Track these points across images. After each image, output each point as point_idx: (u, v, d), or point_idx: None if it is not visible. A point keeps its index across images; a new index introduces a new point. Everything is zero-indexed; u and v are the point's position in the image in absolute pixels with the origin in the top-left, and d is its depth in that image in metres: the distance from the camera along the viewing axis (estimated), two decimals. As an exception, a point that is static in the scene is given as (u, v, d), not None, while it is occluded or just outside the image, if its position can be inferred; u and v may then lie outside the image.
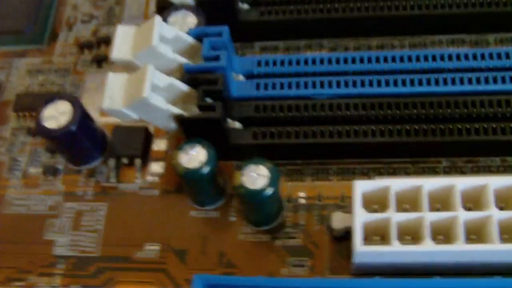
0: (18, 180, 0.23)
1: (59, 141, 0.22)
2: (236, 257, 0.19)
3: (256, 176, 0.18)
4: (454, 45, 0.23)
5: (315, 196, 0.20)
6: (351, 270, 0.18)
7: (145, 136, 0.22)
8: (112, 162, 0.22)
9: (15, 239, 0.22)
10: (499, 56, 0.21)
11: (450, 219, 0.18)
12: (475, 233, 0.18)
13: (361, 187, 0.18)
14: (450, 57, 0.21)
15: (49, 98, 0.21)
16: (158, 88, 0.19)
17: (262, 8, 0.23)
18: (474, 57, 0.21)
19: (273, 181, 0.18)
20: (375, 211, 0.18)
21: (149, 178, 0.22)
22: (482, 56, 0.21)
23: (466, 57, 0.21)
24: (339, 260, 0.19)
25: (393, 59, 0.21)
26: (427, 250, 0.18)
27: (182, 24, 0.21)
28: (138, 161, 0.22)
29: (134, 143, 0.22)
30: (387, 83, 0.20)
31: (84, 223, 0.21)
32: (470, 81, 0.20)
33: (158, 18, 0.20)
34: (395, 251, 0.18)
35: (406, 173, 0.20)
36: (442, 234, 0.18)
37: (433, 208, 0.18)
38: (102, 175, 0.22)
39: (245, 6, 0.23)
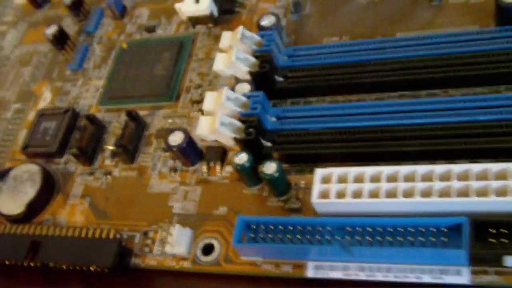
0: (156, 175, 0.38)
1: (177, 153, 0.36)
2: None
3: (269, 167, 0.34)
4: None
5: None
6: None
7: (223, 151, 0.37)
8: (205, 165, 0.36)
9: (153, 205, 0.37)
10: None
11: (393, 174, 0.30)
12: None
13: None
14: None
15: (172, 131, 0.36)
16: (225, 124, 0.36)
17: (289, 80, 0.36)
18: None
19: (279, 169, 0.32)
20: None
21: (225, 173, 0.36)
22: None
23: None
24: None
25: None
26: (368, 202, 0.29)
27: (241, 90, 0.35)
28: (218, 164, 0.36)
29: (217, 154, 0.36)
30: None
31: (189, 197, 0.36)
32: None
33: (226, 88, 0.34)
34: (343, 202, 0.30)
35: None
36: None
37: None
38: (199, 172, 0.36)
39: (280, 78, 0.36)
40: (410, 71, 0.34)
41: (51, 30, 0.46)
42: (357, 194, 0.30)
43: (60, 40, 0.46)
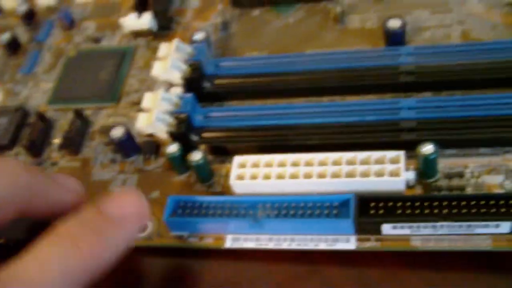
0: (98, 165, 0.42)
1: (118, 145, 0.41)
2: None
3: (195, 156, 0.39)
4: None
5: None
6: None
7: (157, 144, 0.42)
8: (140, 157, 0.42)
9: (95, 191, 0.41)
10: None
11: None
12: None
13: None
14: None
15: (113, 126, 0.41)
16: (160, 119, 0.41)
17: (215, 85, 0.42)
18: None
19: (203, 158, 0.37)
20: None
21: (158, 164, 0.41)
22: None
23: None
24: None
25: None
26: (276, 182, 0.35)
27: (174, 92, 0.43)
28: (153, 155, 0.41)
29: (152, 147, 0.42)
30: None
31: (127, 183, 0.41)
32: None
33: (162, 89, 0.41)
34: (255, 183, 0.35)
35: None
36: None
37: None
38: (136, 163, 0.41)
39: (207, 84, 0.42)
40: (315, 80, 0.41)
41: (5, 37, 0.51)
42: (267, 176, 0.36)
43: (13, 46, 0.51)
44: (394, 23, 0.41)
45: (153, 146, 0.42)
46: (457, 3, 0.44)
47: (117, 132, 0.41)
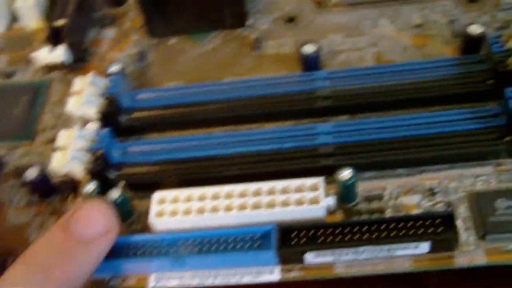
0: (13, 209, 0.42)
1: (33, 187, 0.40)
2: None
3: (113, 194, 0.38)
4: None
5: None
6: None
7: (75, 183, 0.43)
8: (57, 198, 0.42)
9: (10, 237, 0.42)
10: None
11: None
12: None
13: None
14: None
15: (28, 167, 0.40)
16: (75, 157, 0.40)
17: (133, 119, 0.41)
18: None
19: (121, 195, 0.37)
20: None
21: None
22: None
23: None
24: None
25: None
26: (196, 218, 0.34)
27: (90, 128, 0.42)
28: (71, 195, 0.41)
29: (69, 186, 0.43)
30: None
31: (44, 227, 0.41)
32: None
33: (77, 126, 0.40)
34: (176, 219, 0.34)
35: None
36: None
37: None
38: (54, 204, 0.40)
39: (124, 118, 0.41)
40: (233, 109, 0.40)
41: None
42: (187, 212, 0.36)
43: None
44: (308, 48, 0.41)
45: (70, 186, 0.41)
46: (369, 26, 0.45)
47: (32, 173, 0.40)
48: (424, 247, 0.33)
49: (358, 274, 0.34)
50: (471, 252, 0.33)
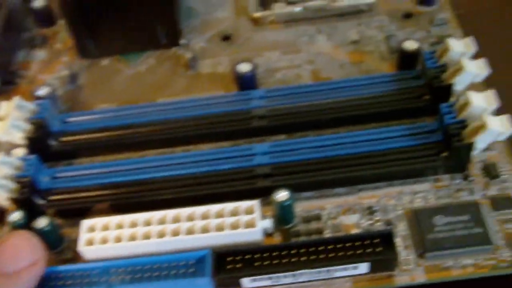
0: None
1: None
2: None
3: (40, 222, 0.37)
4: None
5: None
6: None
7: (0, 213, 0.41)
8: None
9: None
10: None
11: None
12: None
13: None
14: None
15: None
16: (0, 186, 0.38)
17: (62, 143, 0.39)
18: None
19: (49, 224, 0.35)
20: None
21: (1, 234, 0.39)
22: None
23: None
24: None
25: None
26: (127, 245, 0.33)
27: (17, 154, 0.40)
28: None
29: None
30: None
31: None
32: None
33: (2, 153, 0.38)
34: (106, 247, 0.33)
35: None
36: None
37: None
38: None
39: (54, 142, 0.40)
40: (167, 131, 0.39)
41: None
42: (118, 239, 0.34)
43: None
44: (243, 67, 0.40)
45: (-4, 215, 0.39)
46: (305, 43, 0.44)
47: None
48: (363, 267, 0.33)
49: (297, 298, 0.33)
50: (411, 271, 0.33)
